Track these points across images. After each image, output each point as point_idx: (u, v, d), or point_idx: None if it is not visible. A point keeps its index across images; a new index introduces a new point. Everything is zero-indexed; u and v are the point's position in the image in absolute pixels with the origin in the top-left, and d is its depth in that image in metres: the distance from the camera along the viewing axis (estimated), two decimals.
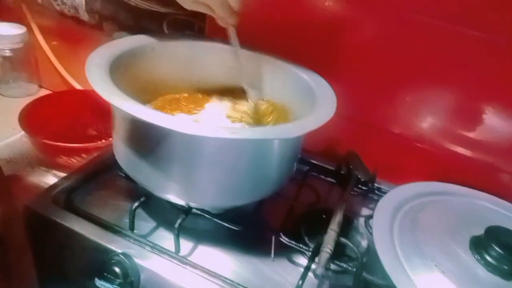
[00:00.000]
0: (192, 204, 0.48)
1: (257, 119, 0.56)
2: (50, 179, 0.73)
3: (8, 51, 0.87)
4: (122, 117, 0.46)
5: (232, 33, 0.54)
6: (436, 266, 0.45)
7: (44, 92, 0.97)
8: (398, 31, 0.61)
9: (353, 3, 0.62)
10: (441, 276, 0.44)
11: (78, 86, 0.91)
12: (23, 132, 0.74)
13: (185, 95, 0.61)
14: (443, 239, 0.49)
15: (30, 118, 0.74)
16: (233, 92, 0.62)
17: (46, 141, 0.69)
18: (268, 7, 0.67)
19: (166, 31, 0.75)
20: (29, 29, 0.88)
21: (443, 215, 0.54)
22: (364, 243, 0.54)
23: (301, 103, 0.55)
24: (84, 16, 0.83)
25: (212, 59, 0.62)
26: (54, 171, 0.75)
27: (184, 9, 0.51)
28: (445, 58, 0.60)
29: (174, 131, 0.38)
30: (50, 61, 0.91)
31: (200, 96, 0.61)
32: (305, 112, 0.51)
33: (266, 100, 0.60)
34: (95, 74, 0.43)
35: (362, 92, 0.67)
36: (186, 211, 0.48)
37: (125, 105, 0.39)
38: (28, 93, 0.95)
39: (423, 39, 0.60)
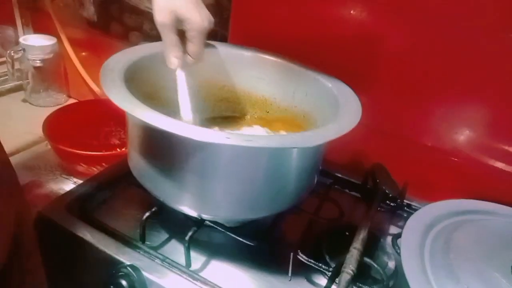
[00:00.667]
0: (205, 216, 0.46)
1: None
2: (70, 186, 0.73)
3: (38, 61, 0.90)
4: (134, 123, 0.45)
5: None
6: None
7: (72, 102, 0.99)
8: (430, 38, 0.58)
9: (383, 11, 0.59)
10: None
11: (104, 96, 0.92)
12: (48, 141, 0.75)
13: None
14: (480, 263, 0.44)
15: (53, 126, 0.75)
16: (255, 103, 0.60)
17: (67, 148, 0.70)
18: (296, 17, 0.65)
19: None
20: (59, 40, 0.91)
21: (480, 237, 0.49)
22: (391, 265, 0.49)
23: (325, 111, 0.52)
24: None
25: (234, 67, 0.60)
26: (75, 179, 0.75)
27: None
28: (482, 67, 0.56)
29: (186, 138, 0.36)
30: (78, 71, 0.93)
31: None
32: (328, 121, 0.48)
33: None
34: (109, 80, 0.42)
35: (391, 102, 0.63)
36: (199, 223, 0.46)
37: (134, 110, 0.37)
38: (56, 102, 0.97)
39: (458, 46, 0.56)
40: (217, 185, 0.42)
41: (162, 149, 0.42)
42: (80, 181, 0.74)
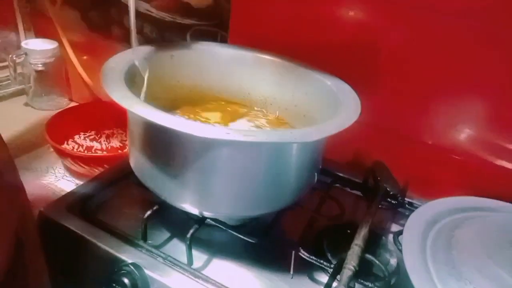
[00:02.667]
0: (206, 214, 0.46)
1: None
2: (72, 188, 0.73)
3: (40, 65, 0.90)
4: (134, 121, 0.45)
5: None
6: None
7: (74, 105, 1.00)
8: (430, 35, 0.58)
9: (382, 8, 0.59)
10: None
11: (106, 100, 0.92)
12: (50, 144, 0.75)
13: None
14: (483, 259, 0.44)
15: (55, 129, 0.75)
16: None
17: (69, 151, 0.70)
18: (294, 17, 0.65)
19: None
20: (60, 44, 0.91)
21: (482, 233, 0.49)
22: (393, 262, 0.49)
23: (324, 110, 0.52)
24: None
25: (233, 68, 0.60)
26: (77, 181, 0.75)
27: (207, 20, 0.50)
28: (484, 61, 0.56)
29: (185, 134, 0.37)
30: (80, 75, 0.93)
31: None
32: (328, 117, 0.49)
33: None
34: (109, 78, 0.42)
35: (391, 100, 0.63)
36: (200, 221, 0.46)
37: (134, 107, 0.38)
38: (58, 106, 0.97)
39: (459, 42, 0.56)
40: (218, 182, 0.42)
41: (162, 146, 0.42)
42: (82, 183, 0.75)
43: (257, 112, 0.61)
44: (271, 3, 0.67)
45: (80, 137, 0.81)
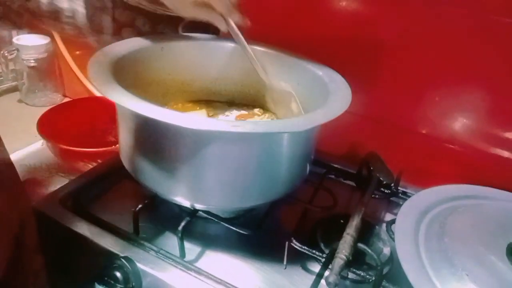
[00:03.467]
0: (198, 206, 0.45)
1: None
2: None
3: (33, 61, 0.90)
4: (122, 114, 0.45)
5: (235, 30, 0.51)
6: (467, 275, 0.40)
7: (67, 101, 0.99)
8: (424, 24, 0.57)
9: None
10: (472, 287, 0.39)
11: (100, 95, 0.92)
12: (43, 140, 0.75)
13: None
14: (476, 246, 0.44)
15: (48, 125, 0.74)
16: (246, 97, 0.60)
17: (62, 145, 0.70)
18: (290, 9, 0.65)
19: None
20: (53, 39, 0.90)
21: (475, 221, 0.49)
22: (386, 251, 0.49)
23: (316, 100, 0.51)
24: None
25: (225, 59, 0.60)
26: (71, 177, 0.75)
27: None
28: (479, 51, 0.56)
29: (173, 126, 0.36)
30: (73, 70, 0.92)
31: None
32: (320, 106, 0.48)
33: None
34: (96, 70, 0.42)
35: (384, 90, 0.63)
36: (192, 213, 0.46)
37: (121, 99, 0.37)
38: (52, 102, 0.96)
39: (453, 30, 0.56)
40: (208, 173, 0.42)
41: (151, 138, 0.42)
42: None
43: (249, 104, 0.61)
44: None
45: (73, 132, 0.80)
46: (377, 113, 0.64)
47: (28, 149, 0.79)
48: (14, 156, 0.76)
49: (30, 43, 0.88)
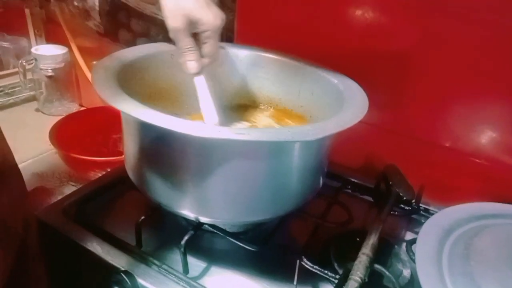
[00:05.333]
0: (202, 219, 0.43)
1: None
2: None
3: (50, 70, 0.90)
4: (127, 123, 0.43)
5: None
6: None
7: (80, 110, 0.99)
8: (445, 33, 0.54)
9: (394, 7, 0.56)
10: None
11: None
12: (55, 149, 0.75)
13: None
14: (503, 270, 0.40)
15: (61, 133, 0.74)
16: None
17: (72, 154, 0.69)
18: (301, 16, 0.63)
19: None
20: (70, 49, 0.91)
21: (503, 242, 0.45)
22: (406, 273, 0.45)
23: (331, 110, 0.49)
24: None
25: (237, 67, 0.58)
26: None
27: None
28: (504, 62, 0.52)
29: (176, 133, 0.34)
30: (89, 80, 0.93)
31: None
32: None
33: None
34: (99, 77, 0.40)
35: (405, 101, 0.60)
36: (196, 226, 0.44)
37: (120, 104, 0.36)
38: (68, 111, 0.97)
39: (478, 39, 0.52)
40: (213, 184, 0.40)
41: (153, 147, 0.40)
42: None
43: (261, 113, 0.58)
44: (278, 2, 0.65)
45: (86, 141, 0.80)
46: (396, 124, 0.61)
47: (42, 158, 0.79)
48: (27, 164, 0.76)
49: (48, 52, 0.89)
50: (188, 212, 0.42)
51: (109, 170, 0.68)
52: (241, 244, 0.44)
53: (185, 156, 0.39)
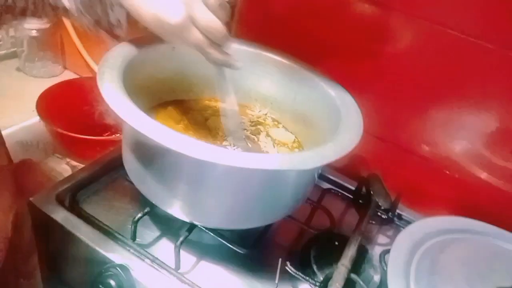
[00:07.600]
0: (196, 223, 0.45)
1: None
2: (64, 167, 0.73)
3: (35, 30, 0.87)
4: (128, 127, 0.43)
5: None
6: None
7: (68, 73, 0.97)
8: (430, 45, 0.56)
9: (388, 16, 0.57)
10: None
11: None
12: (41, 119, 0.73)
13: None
14: (463, 286, 0.45)
15: (48, 104, 0.73)
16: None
17: (61, 130, 0.68)
18: (299, 14, 0.63)
19: None
20: None
21: (466, 258, 0.50)
22: (376, 278, 0.50)
23: (326, 121, 0.51)
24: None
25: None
26: (68, 159, 0.74)
27: None
28: (485, 78, 0.55)
29: (179, 153, 0.35)
30: (75, 43, 0.90)
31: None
32: (328, 129, 0.48)
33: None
34: (107, 83, 0.40)
35: (389, 109, 0.63)
36: (190, 228, 0.46)
37: (131, 119, 0.36)
38: (51, 73, 0.94)
39: (461, 55, 0.55)
40: (208, 197, 0.42)
41: (155, 157, 0.41)
42: (73, 162, 0.74)
43: (255, 111, 0.60)
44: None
45: (72, 113, 0.79)
46: (380, 131, 0.64)
47: (24, 125, 0.78)
48: (9, 132, 0.75)
49: None
50: (183, 216, 0.44)
51: (98, 149, 0.69)
52: (230, 246, 0.47)
53: (181, 169, 0.41)
